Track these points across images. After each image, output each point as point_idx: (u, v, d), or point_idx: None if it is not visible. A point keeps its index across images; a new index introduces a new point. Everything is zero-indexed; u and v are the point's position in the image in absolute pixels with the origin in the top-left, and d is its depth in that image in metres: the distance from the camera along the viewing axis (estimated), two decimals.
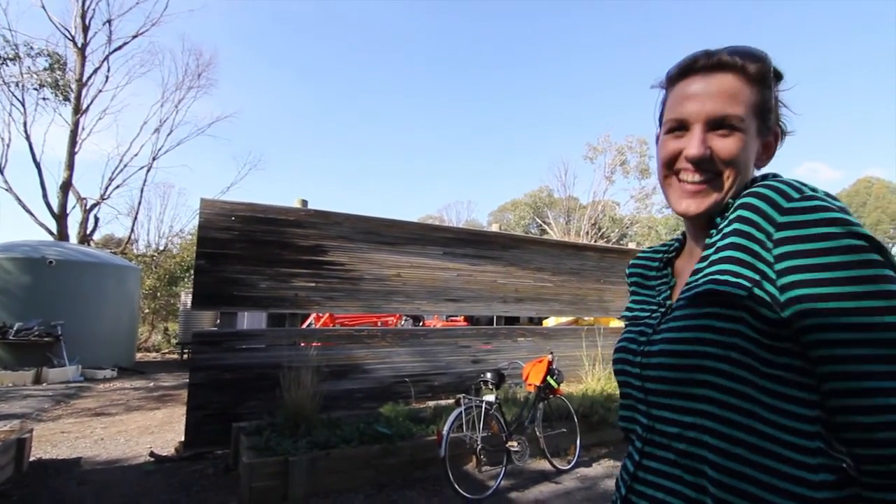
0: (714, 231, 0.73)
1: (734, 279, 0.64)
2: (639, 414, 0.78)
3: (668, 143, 0.77)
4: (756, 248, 0.64)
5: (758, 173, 0.79)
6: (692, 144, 0.72)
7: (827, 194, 0.63)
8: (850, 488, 0.62)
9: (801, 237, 0.61)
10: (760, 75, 0.73)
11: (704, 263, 0.72)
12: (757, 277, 0.63)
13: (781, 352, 0.63)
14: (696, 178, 0.74)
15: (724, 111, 0.71)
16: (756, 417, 0.62)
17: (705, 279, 0.68)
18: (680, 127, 0.75)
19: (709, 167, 0.73)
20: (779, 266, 0.62)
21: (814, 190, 0.64)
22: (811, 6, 60.88)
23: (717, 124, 0.72)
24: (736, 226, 0.67)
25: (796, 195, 0.63)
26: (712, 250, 0.71)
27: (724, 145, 0.72)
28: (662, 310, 0.81)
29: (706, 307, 0.66)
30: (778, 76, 0.76)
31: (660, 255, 0.92)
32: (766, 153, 0.78)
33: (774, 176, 0.75)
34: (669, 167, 0.77)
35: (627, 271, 1.01)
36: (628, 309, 0.92)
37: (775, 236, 0.63)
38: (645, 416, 0.76)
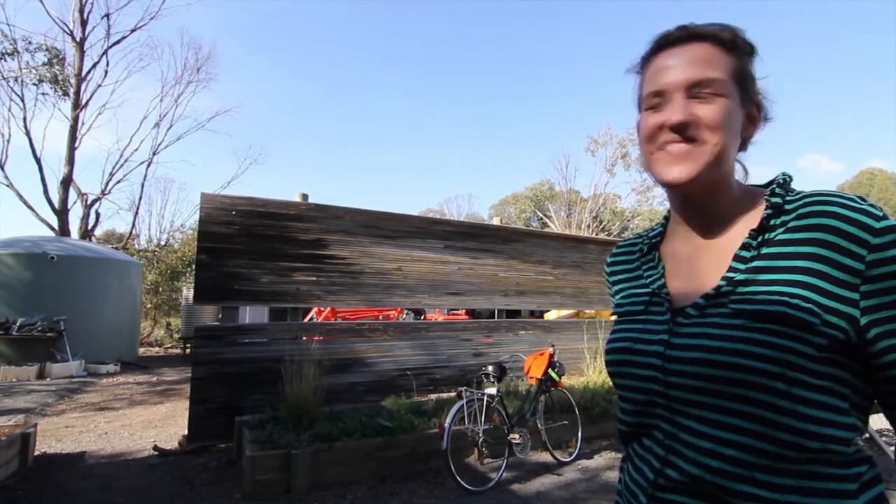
0: (753, 236, 0.69)
1: (809, 304, 0.62)
2: (658, 420, 0.73)
3: (648, 118, 0.74)
4: (838, 272, 0.63)
5: (748, 167, 0.79)
6: (674, 111, 0.70)
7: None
8: (874, 469, 0.66)
9: (891, 259, 0.62)
10: (735, 43, 0.72)
11: (744, 266, 0.68)
12: (831, 304, 0.62)
13: (828, 362, 0.63)
14: (682, 146, 0.70)
15: (703, 75, 0.69)
16: (803, 434, 0.61)
17: (771, 297, 0.64)
18: (659, 99, 0.73)
19: (693, 134, 0.69)
20: (867, 288, 0.62)
21: (880, 209, 0.66)
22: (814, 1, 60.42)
23: (697, 90, 0.70)
24: (813, 249, 0.64)
25: (880, 213, 0.64)
26: (753, 253, 0.69)
27: (707, 111, 0.69)
28: (667, 300, 0.76)
29: (766, 322, 0.63)
30: (752, 49, 0.74)
31: (640, 243, 0.89)
32: (752, 124, 0.75)
33: (788, 177, 0.74)
34: (653, 141, 0.73)
35: (607, 269, 0.96)
36: (618, 305, 0.87)
37: (868, 258, 0.62)
38: (667, 422, 0.71)
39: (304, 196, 5.55)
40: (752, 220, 0.72)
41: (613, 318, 0.88)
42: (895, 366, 0.63)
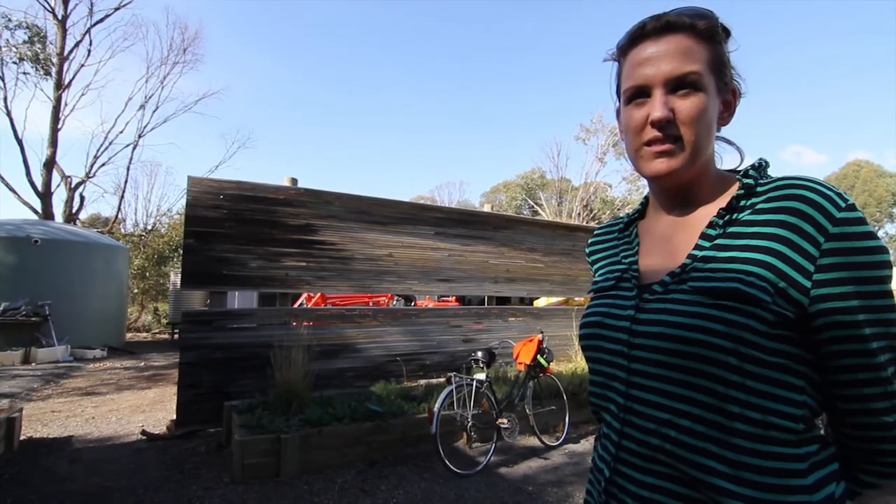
0: (721, 215, 0.71)
1: (763, 283, 0.64)
2: (614, 393, 0.75)
3: (633, 113, 0.75)
4: (794, 255, 0.64)
5: (725, 148, 0.81)
6: (656, 107, 0.71)
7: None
8: (827, 450, 0.67)
9: (848, 250, 0.63)
10: (710, 31, 0.72)
11: (709, 244, 0.70)
12: (783, 284, 0.64)
13: (783, 339, 0.64)
14: (664, 146, 0.72)
15: (682, 70, 0.70)
16: (754, 407, 0.63)
17: (728, 274, 0.66)
18: (641, 94, 0.74)
19: (674, 131, 0.71)
20: (819, 276, 0.63)
21: (848, 198, 0.66)
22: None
23: (676, 85, 0.71)
24: (775, 230, 0.66)
25: (843, 204, 0.64)
26: (719, 231, 0.71)
27: (687, 106, 0.70)
28: (634, 277, 0.78)
29: (721, 299, 0.65)
30: (726, 32, 0.75)
31: (619, 222, 0.92)
32: (727, 110, 0.78)
33: (762, 161, 0.75)
34: (637, 136, 0.75)
35: (588, 249, 0.99)
36: (594, 282, 0.90)
37: (824, 246, 0.63)
38: (622, 395, 0.73)
39: (294, 180, 5.49)
40: (724, 201, 0.74)
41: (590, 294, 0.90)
42: (838, 357, 0.65)
